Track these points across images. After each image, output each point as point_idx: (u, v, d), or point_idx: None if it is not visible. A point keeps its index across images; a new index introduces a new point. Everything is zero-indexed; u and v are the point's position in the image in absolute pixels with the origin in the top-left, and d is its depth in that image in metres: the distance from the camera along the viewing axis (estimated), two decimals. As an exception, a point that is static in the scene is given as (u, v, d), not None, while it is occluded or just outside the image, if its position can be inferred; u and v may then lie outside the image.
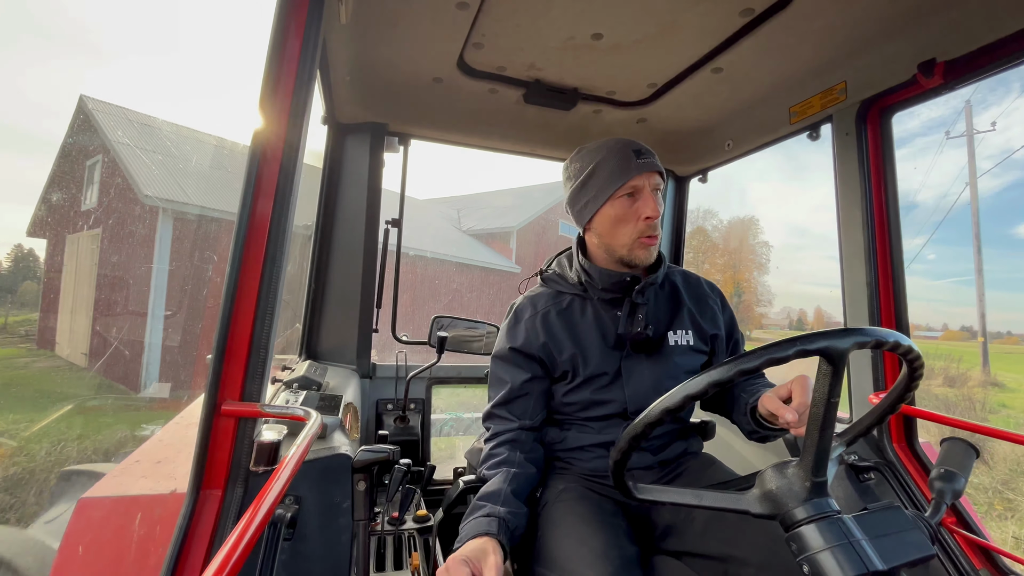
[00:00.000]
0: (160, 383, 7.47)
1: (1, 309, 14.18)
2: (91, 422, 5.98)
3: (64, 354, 10.18)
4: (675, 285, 1.24)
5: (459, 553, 0.82)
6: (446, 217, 18.92)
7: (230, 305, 0.82)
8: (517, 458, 1.06)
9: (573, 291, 1.20)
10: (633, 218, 1.09)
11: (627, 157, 1.08)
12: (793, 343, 0.59)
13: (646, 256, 1.11)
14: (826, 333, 0.60)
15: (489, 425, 1.16)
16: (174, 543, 0.75)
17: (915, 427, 1.36)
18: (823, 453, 0.62)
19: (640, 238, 1.09)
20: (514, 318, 1.20)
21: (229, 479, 0.82)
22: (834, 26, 1.23)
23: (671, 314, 1.19)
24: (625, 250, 1.11)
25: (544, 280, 1.26)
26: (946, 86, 1.18)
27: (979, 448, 0.80)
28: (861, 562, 0.56)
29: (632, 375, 1.13)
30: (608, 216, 1.11)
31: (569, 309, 1.18)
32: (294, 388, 1.27)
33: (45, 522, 2.02)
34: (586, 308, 1.17)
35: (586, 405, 1.14)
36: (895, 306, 1.36)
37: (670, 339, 1.16)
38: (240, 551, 0.47)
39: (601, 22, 1.27)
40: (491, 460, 1.06)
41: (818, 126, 1.53)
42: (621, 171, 1.08)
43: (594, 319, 1.16)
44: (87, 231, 9.99)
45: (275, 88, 0.85)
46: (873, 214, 1.36)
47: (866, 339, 0.60)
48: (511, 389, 1.13)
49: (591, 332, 1.14)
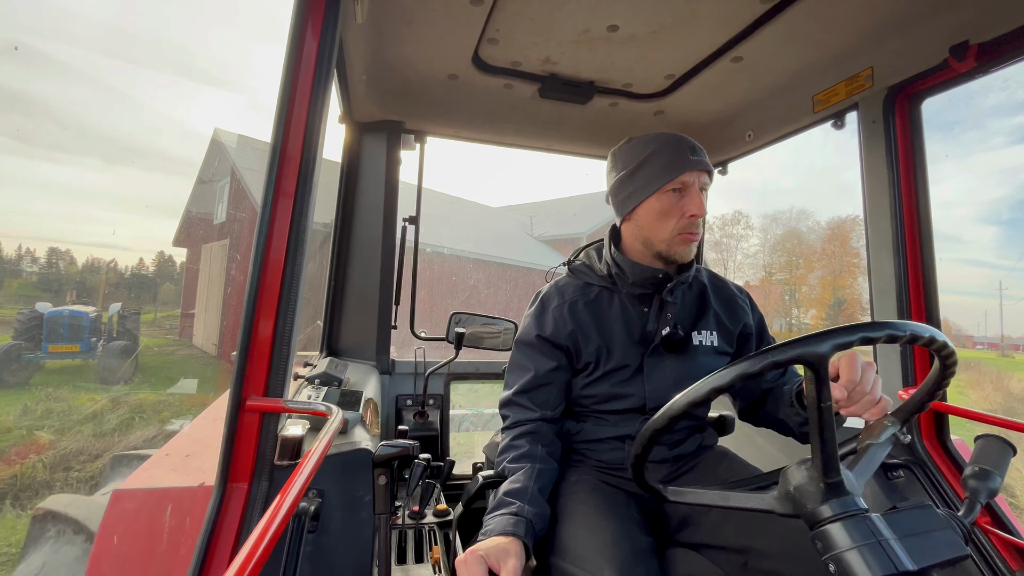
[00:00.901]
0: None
1: (151, 307, 18.89)
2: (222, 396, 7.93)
3: (199, 344, 13.32)
4: (703, 285, 1.23)
5: (480, 547, 0.83)
6: (519, 224, 19.39)
7: (253, 303, 0.84)
8: (540, 452, 1.04)
9: (601, 283, 1.18)
10: (678, 214, 1.08)
11: (681, 152, 1.07)
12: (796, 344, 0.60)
13: (686, 252, 1.10)
14: (804, 339, 0.60)
15: (507, 413, 1.14)
16: (203, 534, 0.77)
17: (947, 424, 1.31)
18: (829, 456, 0.60)
19: (682, 234, 1.08)
20: (541, 306, 1.19)
21: (255, 473, 0.84)
22: (860, 10, 1.19)
23: (697, 314, 1.18)
24: (664, 245, 1.10)
25: (572, 270, 1.25)
26: (980, 69, 1.13)
27: (1016, 445, 0.77)
28: (891, 562, 0.54)
29: (654, 372, 1.11)
30: (653, 209, 1.09)
31: (597, 301, 1.17)
32: (316, 384, 1.30)
33: (102, 493, 2.25)
34: (614, 301, 1.16)
35: (605, 398, 1.13)
36: (925, 299, 1.32)
37: (695, 339, 1.14)
38: (266, 543, 0.48)
39: (617, 13, 1.25)
40: (512, 452, 1.04)
41: (843, 115, 1.48)
42: (674, 165, 1.06)
43: (621, 313, 1.15)
44: (218, 241, 13.26)
45: (293, 88, 0.86)
46: (902, 205, 1.32)
47: (849, 339, 0.59)
48: (535, 377, 1.12)
49: (617, 325, 1.13)
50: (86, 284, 20.29)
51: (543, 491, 0.98)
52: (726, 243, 30.94)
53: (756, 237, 33.86)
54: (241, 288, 4.03)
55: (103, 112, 54.55)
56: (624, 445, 1.12)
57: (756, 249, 31.60)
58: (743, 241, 31.20)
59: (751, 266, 31.38)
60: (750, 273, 30.98)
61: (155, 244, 37.17)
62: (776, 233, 31.24)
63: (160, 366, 11.61)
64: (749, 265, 31.36)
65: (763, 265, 30.95)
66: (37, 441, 6.38)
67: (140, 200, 44.21)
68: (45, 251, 25.63)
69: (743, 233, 31.23)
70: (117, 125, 52.80)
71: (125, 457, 2.62)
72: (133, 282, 21.89)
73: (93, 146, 47.92)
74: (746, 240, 31.40)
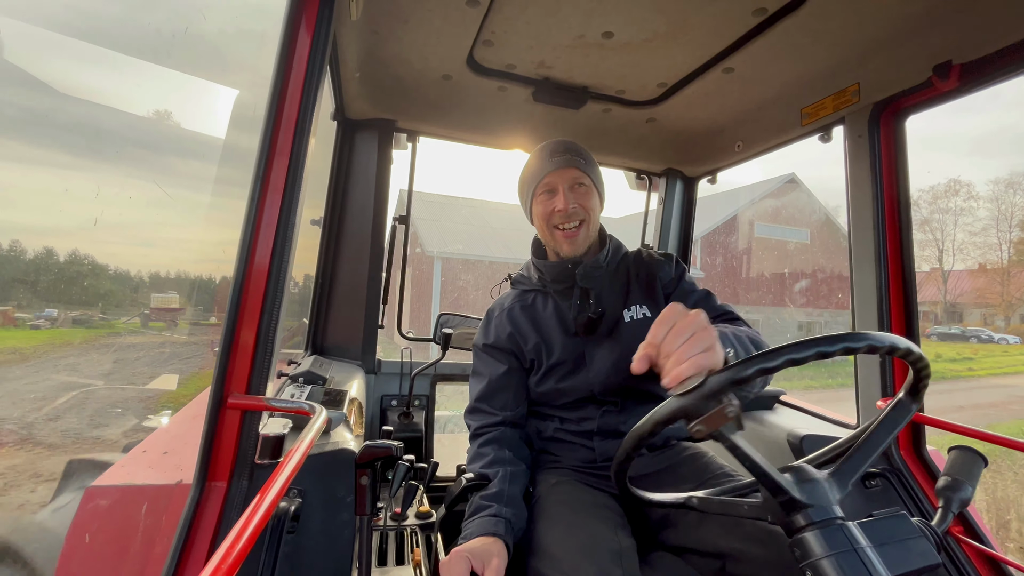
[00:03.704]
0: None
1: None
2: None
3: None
4: (626, 265, 1.26)
5: (464, 548, 0.83)
6: (632, 233, 19.45)
7: (238, 300, 0.82)
8: (507, 456, 1.09)
9: (535, 288, 1.27)
10: (551, 213, 1.16)
11: (544, 157, 1.18)
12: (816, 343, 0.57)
13: (571, 249, 1.18)
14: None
15: (471, 421, 1.20)
16: (179, 533, 0.75)
17: (923, 434, 1.34)
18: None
19: (558, 232, 1.17)
20: (486, 318, 1.31)
21: (234, 471, 0.83)
22: (848, 27, 1.22)
23: (623, 293, 1.21)
24: (552, 243, 1.21)
25: (512, 283, 1.36)
26: (962, 89, 1.16)
27: (987, 457, 0.79)
28: (866, 570, 0.55)
29: (594, 359, 1.16)
30: (536, 214, 1.21)
31: (533, 304, 1.26)
32: (300, 382, 1.28)
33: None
34: (547, 302, 1.24)
35: (557, 393, 1.17)
36: (905, 309, 1.35)
37: (625, 316, 1.18)
38: (244, 542, 0.48)
39: (612, 20, 1.26)
40: (481, 460, 1.08)
41: (830, 128, 1.51)
42: (538, 169, 1.18)
43: (554, 311, 1.22)
44: (396, 271, 14.52)
45: (285, 84, 0.85)
46: (885, 217, 1.35)
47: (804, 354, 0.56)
48: (489, 382, 1.20)
49: (552, 322, 1.20)
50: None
51: (518, 492, 1.02)
52: (939, 220, 25.56)
53: (985, 209, 27.44)
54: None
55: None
56: (592, 442, 1.14)
57: (986, 224, 25.59)
58: (964, 215, 25.99)
59: (978, 246, 25.62)
60: (977, 255, 25.43)
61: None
62: (1015, 202, 25.27)
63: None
64: (975, 245, 25.58)
65: (997, 244, 25.09)
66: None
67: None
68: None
69: (964, 206, 25.93)
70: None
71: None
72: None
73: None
74: (969, 214, 26.25)
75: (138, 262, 7.85)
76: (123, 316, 7.03)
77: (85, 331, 6.22)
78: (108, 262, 6.19)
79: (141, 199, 2.77)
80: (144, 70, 5.83)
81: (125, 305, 7.13)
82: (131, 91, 5.62)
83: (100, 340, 6.42)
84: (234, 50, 5.41)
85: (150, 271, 7.29)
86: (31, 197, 5.30)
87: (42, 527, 1.36)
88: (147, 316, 7.04)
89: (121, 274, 6.89)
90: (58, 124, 3.88)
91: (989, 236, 25.50)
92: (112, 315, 6.86)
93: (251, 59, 3.59)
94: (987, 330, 22.82)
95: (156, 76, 5.30)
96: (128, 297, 7.12)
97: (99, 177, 5.87)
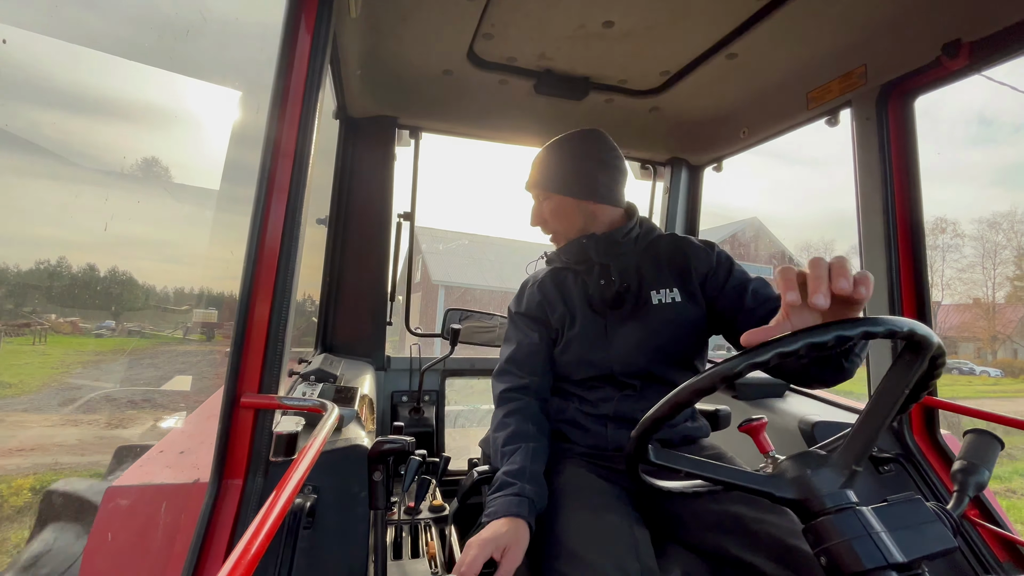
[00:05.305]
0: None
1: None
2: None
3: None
4: (658, 247, 1.23)
5: (489, 535, 0.85)
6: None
7: (247, 300, 0.83)
8: (531, 431, 1.10)
9: (565, 265, 1.30)
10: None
11: (534, 162, 1.27)
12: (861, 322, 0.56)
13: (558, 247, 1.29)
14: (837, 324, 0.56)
15: (498, 383, 1.23)
16: (198, 531, 0.77)
17: (937, 418, 1.33)
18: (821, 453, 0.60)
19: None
20: (520, 289, 1.38)
21: (249, 469, 0.84)
22: (854, 7, 1.19)
23: (653, 273, 1.19)
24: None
25: (547, 261, 1.40)
26: (972, 67, 1.14)
27: (1003, 440, 0.78)
28: (880, 554, 0.55)
29: (616, 336, 1.16)
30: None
31: (562, 277, 1.29)
32: (311, 381, 1.29)
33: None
34: (577, 278, 1.27)
35: (576, 364, 1.19)
36: (916, 294, 1.33)
37: (653, 298, 1.16)
38: (262, 538, 0.48)
39: (612, 9, 1.25)
40: (505, 429, 1.11)
41: (836, 111, 1.49)
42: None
43: (581, 285, 1.24)
44: (415, 294, 17.08)
45: (286, 83, 0.86)
46: (895, 201, 1.33)
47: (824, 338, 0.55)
48: (519, 346, 1.24)
49: (578, 295, 1.23)
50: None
51: (539, 470, 1.04)
52: (930, 256, 26.83)
53: (969, 247, 27.63)
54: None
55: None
56: (606, 429, 1.14)
57: (971, 261, 26.23)
58: (951, 252, 26.50)
59: (965, 282, 26.41)
60: (964, 291, 26.14)
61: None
62: (997, 240, 26.02)
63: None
64: (962, 282, 26.38)
65: (980, 281, 25.88)
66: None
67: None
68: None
69: (951, 243, 26.52)
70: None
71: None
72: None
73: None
74: (957, 251, 26.73)
75: (179, 278, 9.58)
76: (166, 328, 8.65)
77: (139, 340, 8.13)
78: (153, 281, 7.70)
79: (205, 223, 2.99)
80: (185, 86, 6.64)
81: (167, 317, 8.78)
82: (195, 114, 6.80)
83: (160, 347, 8.57)
84: (234, 50, 5.53)
85: (192, 288, 8.78)
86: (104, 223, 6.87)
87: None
88: (189, 328, 8.77)
89: (162, 292, 8.45)
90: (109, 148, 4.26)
91: (975, 273, 26.54)
92: (158, 327, 8.48)
93: (251, 59, 3.62)
94: (970, 362, 23.06)
95: (188, 88, 5.75)
96: (169, 311, 8.78)
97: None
